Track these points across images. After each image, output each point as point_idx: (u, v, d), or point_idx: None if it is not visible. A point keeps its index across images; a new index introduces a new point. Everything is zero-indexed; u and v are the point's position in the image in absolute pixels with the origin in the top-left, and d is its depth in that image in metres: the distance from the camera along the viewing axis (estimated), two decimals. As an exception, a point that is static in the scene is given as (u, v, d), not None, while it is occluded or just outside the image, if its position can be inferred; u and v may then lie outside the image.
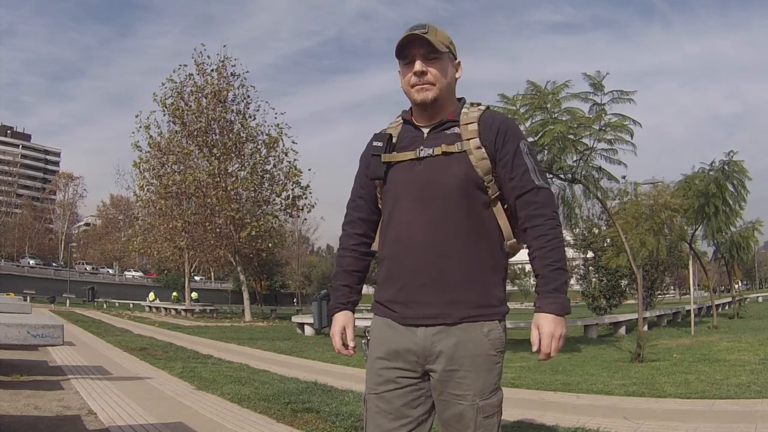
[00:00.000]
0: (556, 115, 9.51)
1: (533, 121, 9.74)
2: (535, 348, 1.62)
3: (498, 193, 1.71)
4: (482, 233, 1.68)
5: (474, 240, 1.66)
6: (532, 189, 1.67)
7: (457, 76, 1.79)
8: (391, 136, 1.80)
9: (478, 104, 1.80)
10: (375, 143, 1.79)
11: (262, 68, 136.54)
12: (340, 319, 1.82)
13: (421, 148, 1.72)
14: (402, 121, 1.84)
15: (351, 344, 1.81)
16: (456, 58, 1.79)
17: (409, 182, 1.71)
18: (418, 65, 1.70)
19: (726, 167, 15.24)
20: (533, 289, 1.71)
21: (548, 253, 1.63)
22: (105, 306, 37.16)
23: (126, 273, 67.31)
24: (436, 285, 1.64)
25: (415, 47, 1.71)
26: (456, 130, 1.73)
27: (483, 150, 1.68)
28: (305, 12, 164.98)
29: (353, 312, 1.85)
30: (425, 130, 1.77)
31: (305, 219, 42.86)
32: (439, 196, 1.67)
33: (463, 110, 1.76)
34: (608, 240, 17.67)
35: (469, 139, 1.69)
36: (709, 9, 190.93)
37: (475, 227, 1.67)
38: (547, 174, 1.43)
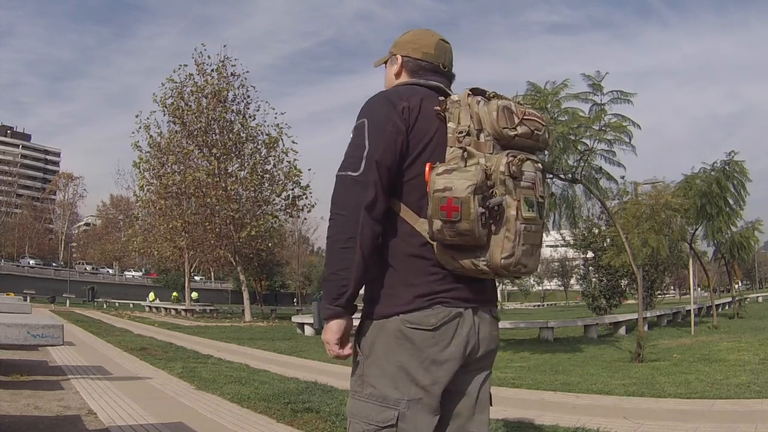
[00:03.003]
0: (556, 115, 9.50)
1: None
2: None
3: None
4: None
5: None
6: None
7: (394, 72, 1.73)
8: None
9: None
10: None
11: (261, 69, 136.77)
12: None
13: None
14: None
15: None
16: (395, 54, 1.74)
17: None
18: None
19: (727, 167, 15.21)
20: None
21: None
22: (105, 306, 37.09)
23: (126, 273, 67.34)
24: None
25: None
26: None
27: None
28: (303, 13, 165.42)
29: None
30: None
31: (305, 219, 42.79)
32: None
33: None
34: (608, 240, 17.66)
35: None
36: (706, 9, 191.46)
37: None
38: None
